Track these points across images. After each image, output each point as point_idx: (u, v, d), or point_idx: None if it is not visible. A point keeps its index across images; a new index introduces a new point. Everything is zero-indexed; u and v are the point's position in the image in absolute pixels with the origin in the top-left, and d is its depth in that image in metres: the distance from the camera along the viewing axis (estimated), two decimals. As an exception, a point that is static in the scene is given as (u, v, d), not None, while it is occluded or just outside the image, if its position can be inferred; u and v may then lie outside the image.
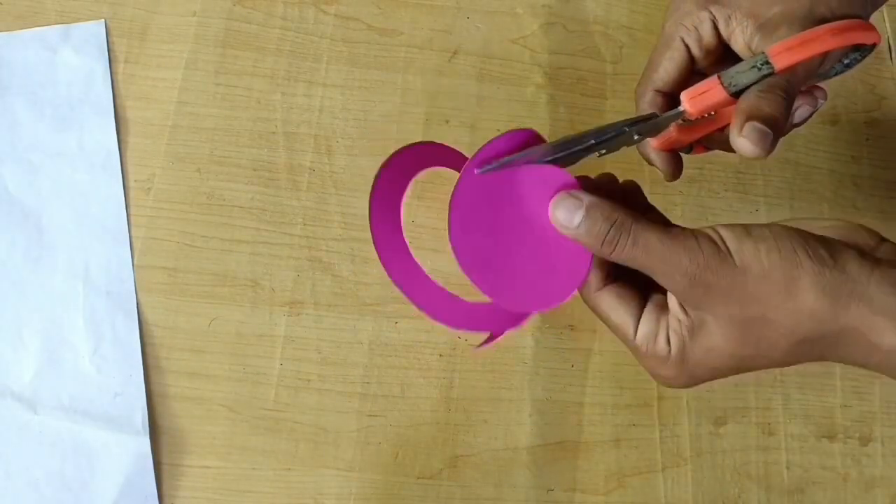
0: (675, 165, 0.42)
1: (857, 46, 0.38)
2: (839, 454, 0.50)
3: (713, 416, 0.50)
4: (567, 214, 0.32)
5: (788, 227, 0.31)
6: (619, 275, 0.35)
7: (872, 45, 0.37)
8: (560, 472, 0.48)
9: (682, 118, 0.38)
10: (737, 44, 0.39)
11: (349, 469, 0.46)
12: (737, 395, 0.50)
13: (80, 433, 0.45)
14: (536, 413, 0.49)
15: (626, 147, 0.38)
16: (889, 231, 0.33)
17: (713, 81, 0.36)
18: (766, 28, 0.37)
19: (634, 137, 0.37)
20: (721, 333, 0.31)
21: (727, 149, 0.40)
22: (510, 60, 0.55)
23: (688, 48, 0.40)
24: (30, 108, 0.49)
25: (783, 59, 0.35)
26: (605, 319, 0.35)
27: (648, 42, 0.41)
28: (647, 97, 0.41)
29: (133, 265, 0.47)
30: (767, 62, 0.35)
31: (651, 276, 0.32)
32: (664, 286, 0.32)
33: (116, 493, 0.44)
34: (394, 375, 0.48)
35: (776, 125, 0.34)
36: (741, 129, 0.34)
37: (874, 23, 0.37)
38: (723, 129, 0.39)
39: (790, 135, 0.42)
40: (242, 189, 0.50)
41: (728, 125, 0.36)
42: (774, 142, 0.34)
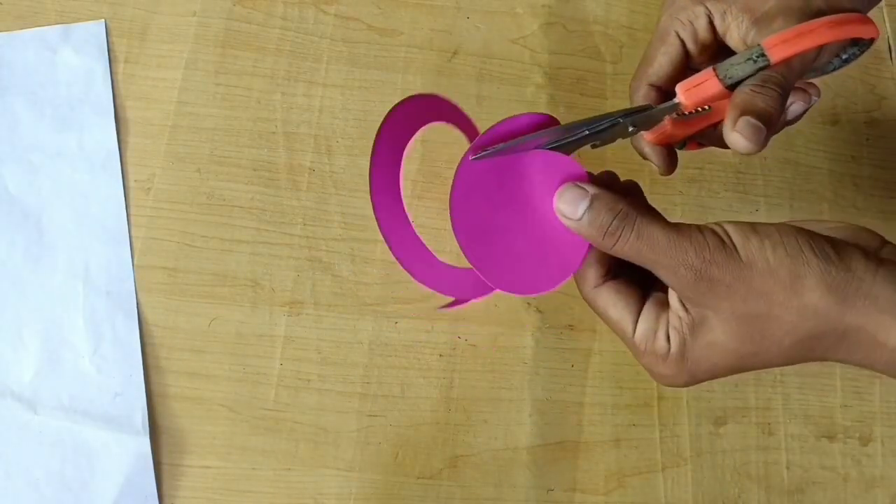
0: (670, 160, 0.42)
1: (856, 41, 0.37)
2: (839, 454, 0.50)
3: (713, 416, 0.50)
4: (571, 205, 0.32)
5: (793, 226, 0.31)
6: (619, 272, 0.35)
7: (870, 40, 0.37)
8: (560, 472, 0.48)
9: (677, 111, 0.38)
10: (732, 39, 0.39)
11: (349, 469, 0.46)
12: (737, 395, 0.50)
13: (80, 433, 0.45)
14: (536, 413, 0.49)
15: (622, 139, 0.38)
16: (889, 231, 0.33)
17: (708, 73, 0.36)
18: (762, 22, 0.37)
19: (629, 129, 0.37)
20: (723, 330, 0.31)
21: (721, 145, 0.40)
22: (510, 60, 0.55)
23: (682, 43, 0.40)
24: (30, 108, 0.49)
25: (779, 52, 0.35)
26: (604, 316, 0.35)
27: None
28: (642, 91, 0.40)
29: (133, 265, 0.47)
30: (763, 54, 0.35)
31: (653, 271, 0.32)
32: (666, 281, 0.32)
33: (116, 493, 0.44)
34: (394, 375, 0.48)
35: (770, 120, 0.34)
36: (734, 124, 0.34)
37: (874, 21, 0.37)
38: (716, 126, 0.39)
39: (790, 134, 0.42)
40: (242, 189, 0.50)
41: (721, 122, 0.36)
42: (768, 137, 0.34)
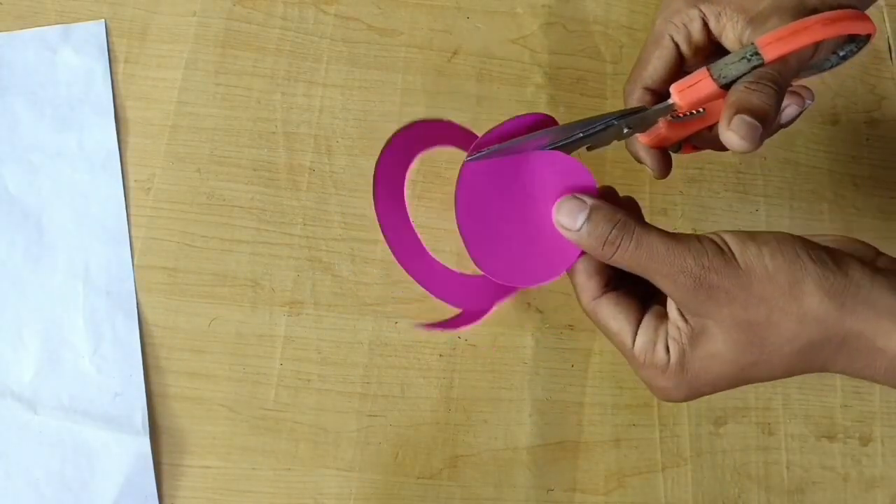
0: (665, 163, 0.42)
1: (853, 37, 0.37)
2: (839, 454, 0.50)
3: (713, 416, 0.50)
4: (569, 217, 0.32)
5: (790, 234, 0.31)
6: (618, 284, 0.35)
7: (867, 36, 0.37)
8: (560, 472, 0.48)
9: (672, 112, 0.37)
10: (728, 40, 0.38)
11: (349, 469, 0.46)
12: (737, 395, 0.50)
13: (80, 433, 0.45)
14: (536, 413, 0.49)
15: (617, 141, 0.38)
16: (890, 231, 0.33)
17: (702, 73, 0.36)
18: (757, 21, 0.37)
19: (624, 131, 0.37)
20: (723, 338, 0.31)
21: (717, 147, 0.40)
22: (510, 60, 0.55)
23: (677, 46, 0.39)
24: (30, 108, 0.49)
25: (773, 50, 0.35)
26: (604, 328, 0.34)
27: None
28: (636, 94, 0.40)
29: (133, 265, 0.47)
30: (757, 53, 0.35)
31: (652, 281, 0.32)
32: (665, 290, 0.32)
33: (116, 493, 0.44)
34: (394, 375, 0.48)
35: (765, 118, 0.34)
36: (730, 122, 0.33)
37: (874, 22, 0.37)
38: (711, 128, 0.39)
39: (790, 134, 0.42)
40: (242, 189, 0.50)
41: (716, 124, 0.36)
42: (763, 136, 0.34)
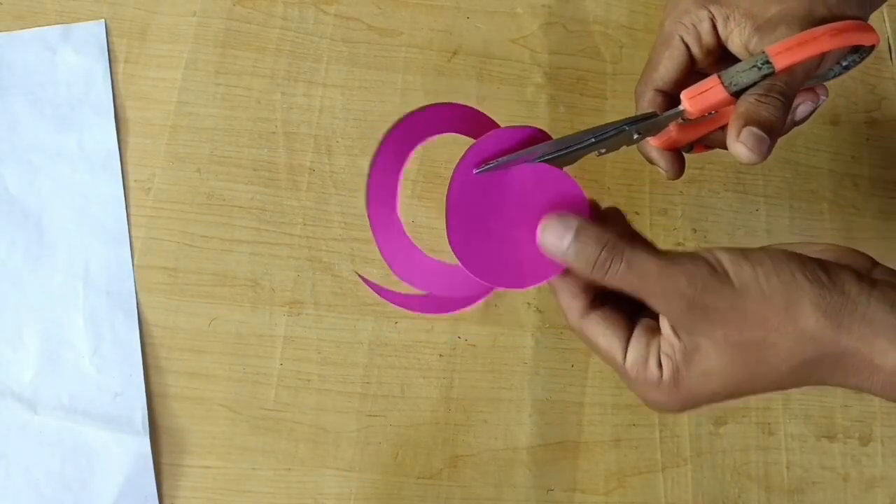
0: (678, 164, 0.42)
1: (856, 48, 0.38)
2: (839, 454, 0.50)
3: (713, 416, 0.50)
4: (555, 238, 0.31)
5: (784, 251, 0.31)
6: (605, 299, 0.34)
7: (871, 47, 0.37)
8: (560, 472, 0.48)
9: (682, 117, 0.38)
10: (734, 44, 0.39)
11: (349, 469, 0.46)
12: (737, 395, 0.50)
13: (80, 433, 0.45)
14: (536, 413, 0.49)
15: (626, 146, 0.38)
16: (889, 231, 0.33)
17: (713, 81, 0.36)
18: (765, 28, 0.37)
19: (634, 136, 0.37)
20: (718, 357, 0.30)
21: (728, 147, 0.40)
22: (510, 60, 0.55)
23: (687, 47, 0.39)
24: (30, 108, 0.49)
25: (783, 59, 0.35)
26: (593, 345, 0.34)
27: (648, 42, 0.41)
28: (648, 96, 0.40)
29: (133, 265, 0.47)
30: (768, 62, 0.35)
31: (644, 300, 0.31)
32: (658, 310, 0.31)
33: (116, 493, 0.44)
34: (394, 375, 0.48)
35: (773, 130, 0.34)
36: (738, 134, 0.34)
37: (874, 23, 0.37)
38: (723, 128, 0.39)
39: (790, 134, 0.42)
40: (242, 189, 0.50)
41: (727, 125, 0.36)
42: (771, 146, 0.34)
